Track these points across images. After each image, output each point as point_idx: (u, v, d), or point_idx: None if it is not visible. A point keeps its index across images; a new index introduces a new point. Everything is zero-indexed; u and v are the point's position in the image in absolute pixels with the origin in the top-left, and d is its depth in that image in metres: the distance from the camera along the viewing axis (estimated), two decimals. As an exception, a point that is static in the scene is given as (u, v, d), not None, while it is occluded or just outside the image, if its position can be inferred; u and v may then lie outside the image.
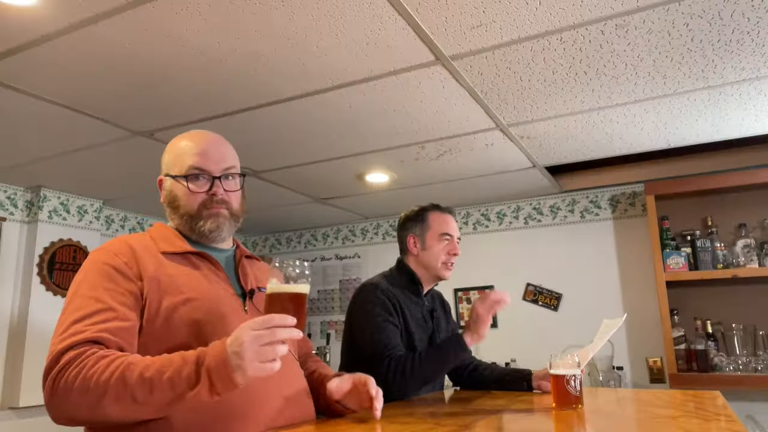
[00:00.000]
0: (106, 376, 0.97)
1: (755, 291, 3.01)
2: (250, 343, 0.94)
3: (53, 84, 1.94)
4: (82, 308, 1.08)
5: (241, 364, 0.94)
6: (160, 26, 1.61)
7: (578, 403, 1.36)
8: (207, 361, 0.98)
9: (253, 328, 0.96)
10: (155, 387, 0.96)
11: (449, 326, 2.08)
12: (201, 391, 0.96)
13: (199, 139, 1.31)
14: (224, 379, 0.95)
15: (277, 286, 1.07)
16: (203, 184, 1.26)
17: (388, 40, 1.71)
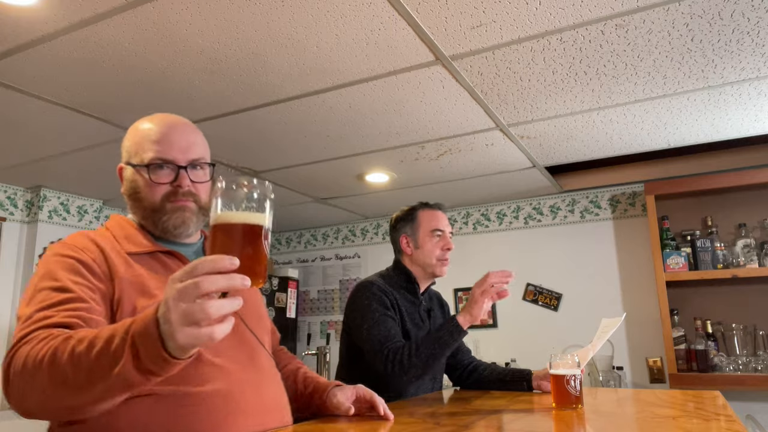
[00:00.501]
0: (43, 353, 0.82)
1: (755, 291, 3.01)
2: (175, 301, 0.70)
3: (53, 84, 1.94)
4: (48, 299, 0.96)
5: (169, 331, 0.70)
6: (160, 26, 1.61)
7: (578, 403, 1.36)
8: (133, 326, 0.76)
9: (179, 278, 0.71)
10: (82, 365, 0.78)
11: None
12: (126, 367, 0.74)
13: (163, 124, 1.17)
14: (151, 350, 0.73)
15: (221, 214, 0.77)
16: (167, 175, 1.13)
17: (388, 40, 1.71)
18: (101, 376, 0.76)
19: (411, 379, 1.68)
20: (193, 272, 0.70)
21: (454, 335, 1.67)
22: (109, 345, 0.76)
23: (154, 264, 1.11)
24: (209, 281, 0.69)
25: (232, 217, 0.76)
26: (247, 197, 0.78)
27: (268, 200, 0.79)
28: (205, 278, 0.69)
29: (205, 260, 0.70)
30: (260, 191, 0.78)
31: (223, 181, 0.77)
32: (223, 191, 0.77)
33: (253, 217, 0.77)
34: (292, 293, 4.20)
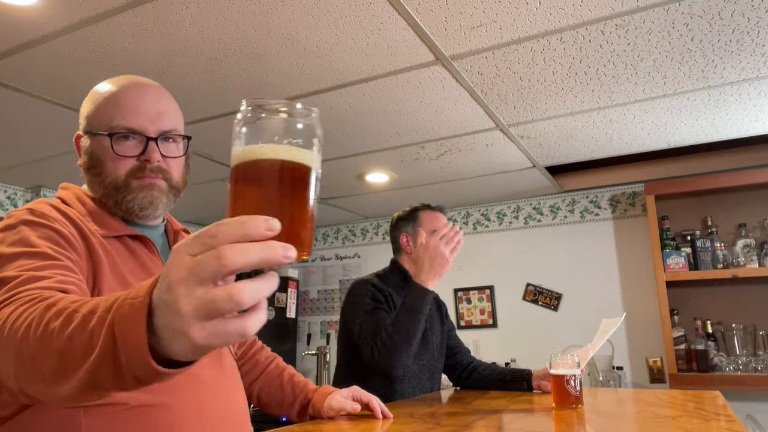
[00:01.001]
0: (20, 321, 0.63)
1: (755, 291, 3.01)
2: (187, 284, 0.45)
3: (53, 84, 1.94)
4: (28, 264, 0.78)
5: (176, 326, 0.46)
6: (160, 26, 1.61)
7: (578, 403, 1.36)
8: (116, 305, 0.52)
9: (189, 251, 0.46)
10: (52, 346, 0.57)
11: (444, 326, 2.07)
12: (99, 367, 0.52)
13: (129, 87, 1.00)
14: (133, 350, 0.49)
15: (248, 149, 0.50)
16: (133, 147, 0.97)
17: (388, 40, 1.71)
18: (71, 368, 0.55)
19: (401, 359, 1.65)
20: (212, 240, 0.45)
21: (420, 298, 1.68)
22: (86, 323, 0.55)
23: (121, 249, 0.96)
24: (237, 253, 0.44)
25: (265, 153, 0.49)
26: (285, 129, 0.51)
27: (317, 137, 0.52)
28: (230, 249, 0.44)
29: (229, 223, 0.45)
30: (306, 121, 0.51)
31: (247, 106, 0.51)
32: (248, 119, 0.51)
33: (297, 153, 0.50)
34: (292, 293, 4.20)
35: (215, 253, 0.44)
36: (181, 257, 0.46)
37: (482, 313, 3.75)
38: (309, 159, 0.51)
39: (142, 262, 0.98)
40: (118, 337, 0.50)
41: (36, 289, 0.72)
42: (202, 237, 0.46)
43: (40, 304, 0.64)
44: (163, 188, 1.01)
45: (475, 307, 3.78)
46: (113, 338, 0.51)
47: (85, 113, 1.02)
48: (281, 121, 0.51)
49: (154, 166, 0.99)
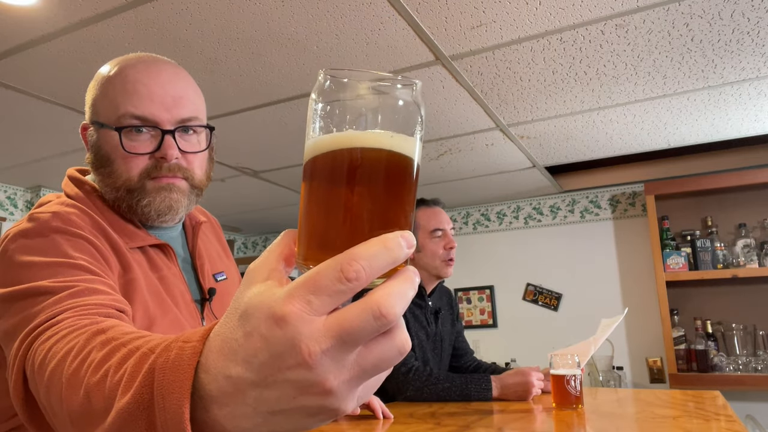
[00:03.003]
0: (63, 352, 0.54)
1: (755, 291, 3.01)
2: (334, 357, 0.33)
3: (53, 84, 1.94)
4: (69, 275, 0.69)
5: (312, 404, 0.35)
6: (160, 26, 1.61)
7: (578, 403, 1.36)
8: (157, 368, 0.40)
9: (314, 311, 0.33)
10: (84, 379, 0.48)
11: (455, 327, 2.06)
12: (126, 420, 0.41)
13: (139, 67, 0.86)
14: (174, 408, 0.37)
15: (342, 136, 0.37)
16: (146, 142, 0.83)
17: (388, 40, 1.71)
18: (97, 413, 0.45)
19: (410, 400, 1.66)
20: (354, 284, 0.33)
21: (480, 398, 1.62)
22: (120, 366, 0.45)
23: (144, 261, 0.85)
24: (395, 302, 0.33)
25: (357, 141, 0.36)
26: (381, 108, 0.37)
27: (420, 117, 0.38)
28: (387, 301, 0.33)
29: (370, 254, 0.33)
30: (408, 98, 0.38)
31: (329, 78, 0.39)
32: (329, 94, 0.39)
33: (401, 142, 0.37)
34: (292, 293, 4.19)
35: (371, 310, 0.32)
36: (305, 322, 0.32)
37: (482, 313, 3.74)
38: (409, 147, 0.38)
39: (162, 275, 0.86)
40: (156, 389, 0.38)
41: (92, 305, 0.63)
42: (329, 285, 0.32)
43: (90, 328, 0.56)
44: (184, 189, 0.86)
45: (475, 307, 3.78)
46: (151, 390, 0.39)
47: (90, 99, 0.88)
48: (376, 98, 0.37)
49: (171, 164, 0.84)
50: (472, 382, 1.62)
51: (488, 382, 1.62)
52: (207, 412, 0.36)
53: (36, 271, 0.69)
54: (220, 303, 0.95)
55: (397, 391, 1.64)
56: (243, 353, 0.34)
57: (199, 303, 0.91)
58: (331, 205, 0.35)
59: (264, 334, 0.33)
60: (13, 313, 0.67)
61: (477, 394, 1.60)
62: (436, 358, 1.90)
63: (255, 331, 0.33)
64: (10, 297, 0.68)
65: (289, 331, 0.32)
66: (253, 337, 0.33)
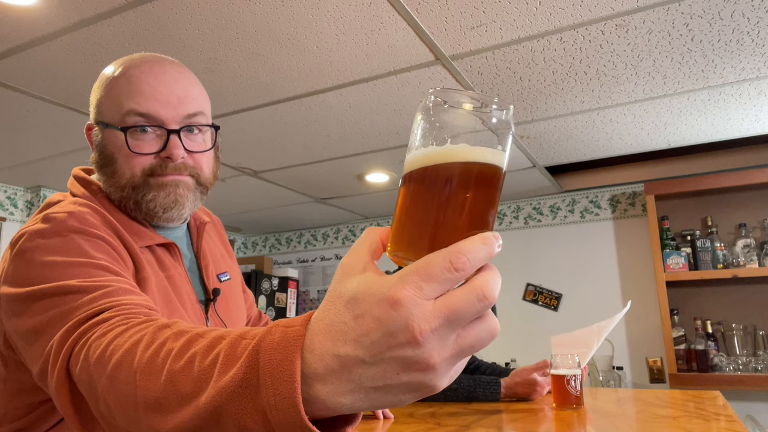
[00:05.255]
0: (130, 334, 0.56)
1: (755, 291, 3.01)
2: (441, 335, 0.38)
3: (53, 84, 1.94)
4: (96, 276, 0.68)
5: (417, 380, 0.39)
6: (160, 26, 1.61)
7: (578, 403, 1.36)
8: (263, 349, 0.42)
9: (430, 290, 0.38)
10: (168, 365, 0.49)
11: None
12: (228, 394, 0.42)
13: (143, 66, 0.87)
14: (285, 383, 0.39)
15: (450, 150, 0.42)
16: (152, 142, 0.83)
17: (388, 40, 1.71)
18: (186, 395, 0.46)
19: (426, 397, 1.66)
20: (458, 274, 0.38)
21: (488, 400, 1.62)
22: (213, 345, 0.47)
23: (153, 260, 0.85)
24: (494, 287, 0.40)
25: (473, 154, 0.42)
26: (476, 124, 0.43)
27: (511, 134, 0.44)
28: (488, 286, 0.39)
29: (471, 249, 0.38)
30: (502, 116, 0.43)
31: (434, 98, 0.43)
32: (435, 111, 0.43)
33: (493, 156, 0.43)
34: (292, 293, 4.20)
35: (476, 293, 0.38)
36: (420, 303, 0.37)
37: (482, 313, 3.74)
38: (502, 161, 0.44)
39: (170, 274, 0.86)
40: (262, 367, 0.40)
41: (129, 304, 0.63)
42: (440, 273, 0.37)
43: (151, 323, 0.56)
44: (190, 185, 0.85)
45: (475, 307, 3.77)
46: (256, 368, 0.41)
47: (94, 100, 0.89)
48: (474, 118, 0.43)
49: (177, 163, 0.83)
50: (481, 385, 1.62)
51: (497, 385, 1.61)
52: (309, 389, 0.39)
53: (60, 270, 0.68)
54: (225, 303, 0.95)
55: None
56: (353, 334, 0.38)
57: (204, 303, 0.91)
58: (436, 208, 0.41)
59: (377, 316, 0.37)
60: (37, 311, 0.65)
61: (485, 397, 1.60)
62: None
63: (367, 313, 0.38)
64: (31, 296, 0.67)
65: (403, 312, 0.37)
66: (365, 318, 0.38)
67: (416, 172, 0.43)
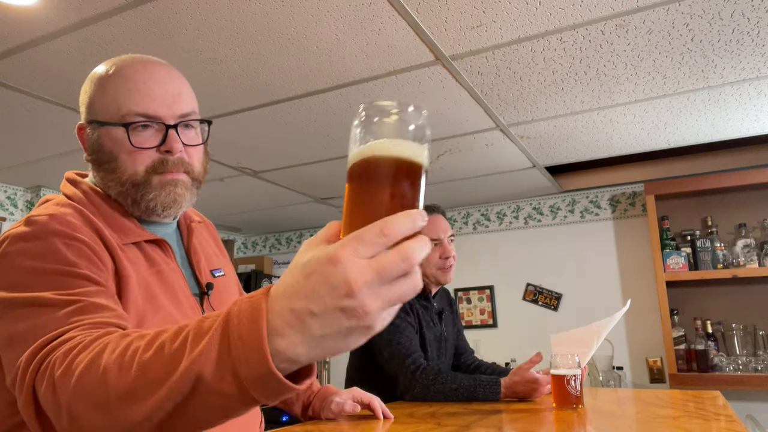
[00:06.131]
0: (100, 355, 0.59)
1: (755, 291, 3.01)
2: (371, 287, 0.45)
3: (53, 84, 1.94)
4: (71, 286, 0.72)
5: (350, 324, 0.46)
6: (160, 26, 1.61)
7: (578, 403, 1.36)
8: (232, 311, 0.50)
9: (363, 252, 0.46)
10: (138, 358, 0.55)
11: (456, 327, 2.08)
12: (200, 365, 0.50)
13: (137, 67, 0.89)
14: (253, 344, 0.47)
15: (372, 147, 0.51)
16: (152, 137, 0.87)
17: (388, 40, 1.71)
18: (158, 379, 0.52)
19: (417, 399, 1.66)
20: (387, 239, 0.46)
21: (488, 399, 1.60)
22: (179, 331, 0.54)
23: (140, 256, 0.87)
24: (419, 250, 0.46)
25: (398, 151, 0.51)
26: (399, 129, 0.52)
27: (426, 137, 0.53)
28: (412, 249, 0.46)
29: (399, 220, 0.46)
30: (420, 121, 0.53)
31: (365, 110, 0.54)
32: (363, 122, 0.53)
33: (417, 150, 0.52)
34: (292, 293, 4.19)
35: (401, 254, 0.46)
36: (355, 261, 0.45)
37: (482, 313, 3.75)
38: (423, 156, 0.53)
39: (159, 269, 0.89)
40: (230, 324, 0.49)
41: (97, 323, 0.67)
42: (372, 239, 0.46)
43: (114, 333, 0.62)
44: (187, 183, 0.91)
45: (475, 307, 3.78)
46: (224, 326, 0.49)
47: (86, 100, 0.91)
48: (395, 122, 0.52)
49: (176, 157, 0.88)
50: (481, 385, 1.61)
51: (497, 385, 1.60)
52: (271, 344, 0.47)
53: (37, 277, 0.72)
54: (219, 298, 0.99)
55: (405, 389, 1.65)
56: (304, 291, 0.46)
57: (198, 297, 0.95)
58: (370, 196, 0.51)
59: (322, 272, 0.45)
60: (13, 319, 0.69)
61: (485, 396, 1.60)
62: (441, 357, 1.91)
63: (314, 272, 0.46)
64: (11, 302, 0.70)
65: (341, 267, 0.45)
66: (313, 276, 0.46)
67: (350, 168, 0.53)
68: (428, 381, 1.62)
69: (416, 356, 1.69)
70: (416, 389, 1.62)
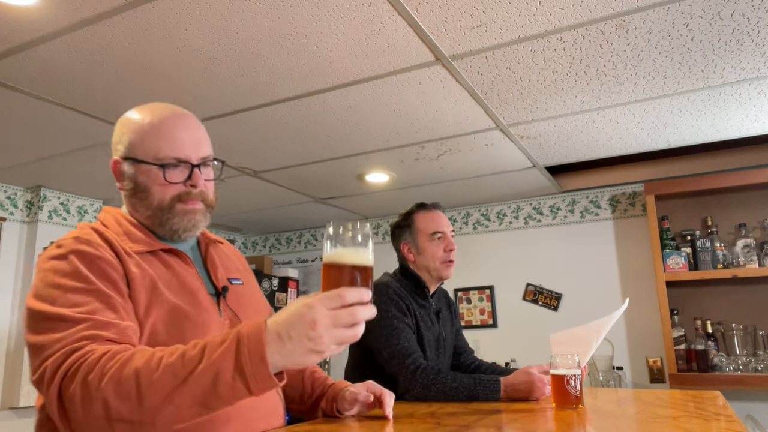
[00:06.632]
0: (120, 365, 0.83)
1: (755, 291, 3.01)
2: (329, 323, 0.80)
3: (53, 84, 1.94)
4: (86, 303, 0.92)
5: (307, 346, 0.79)
6: (160, 26, 1.61)
7: (578, 403, 1.36)
8: (243, 329, 0.82)
9: (329, 306, 0.80)
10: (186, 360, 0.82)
11: (454, 327, 2.08)
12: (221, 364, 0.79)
13: (170, 119, 1.12)
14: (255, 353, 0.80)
15: (338, 254, 0.87)
16: (180, 174, 1.10)
17: (388, 40, 1.71)
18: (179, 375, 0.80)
19: (418, 399, 1.65)
20: (342, 300, 0.82)
21: (489, 399, 1.59)
22: (195, 345, 0.84)
23: (157, 262, 1.08)
24: (362, 312, 0.83)
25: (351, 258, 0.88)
26: (360, 241, 0.89)
27: (369, 237, 0.91)
28: (358, 309, 0.83)
29: (351, 291, 0.83)
30: (366, 232, 0.90)
31: (332, 226, 0.89)
32: (330, 234, 0.89)
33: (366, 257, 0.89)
34: (292, 293, 4.20)
35: (350, 312, 0.82)
36: (324, 312, 0.81)
37: (482, 313, 3.75)
38: (370, 259, 0.90)
39: (176, 272, 1.09)
40: (242, 339, 0.81)
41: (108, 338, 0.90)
42: (334, 298, 0.82)
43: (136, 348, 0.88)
44: (203, 210, 1.14)
45: (475, 307, 3.78)
46: (237, 343, 0.81)
47: (125, 141, 1.11)
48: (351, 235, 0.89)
49: (197, 191, 1.11)
50: (481, 383, 1.61)
51: (497, 384, 1.60)
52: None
53: (59, 294, 0.93)
54: (237, 301, 1.18)
55: (405, 390, 1.64)
56: (289, 321, 0.81)
57: (215, 297, 1.14)
58: (337, 279, 0.87)
59: (301, 312, 0.81)
60: (38, 331, 0.91)
61: (485, 396, 1.59)
62: (439, 357, 1.91)
63: (297, 311, 0.81)
64: (39, 315, 0.93)
65: (312, 311, 0.81)
66: (295, 314, 0.81)
67: (325, 262, 0.88)
68: (429, 380, 1.62)
69: (416, 356, 1.69)
70: (417, 389, 1.62)
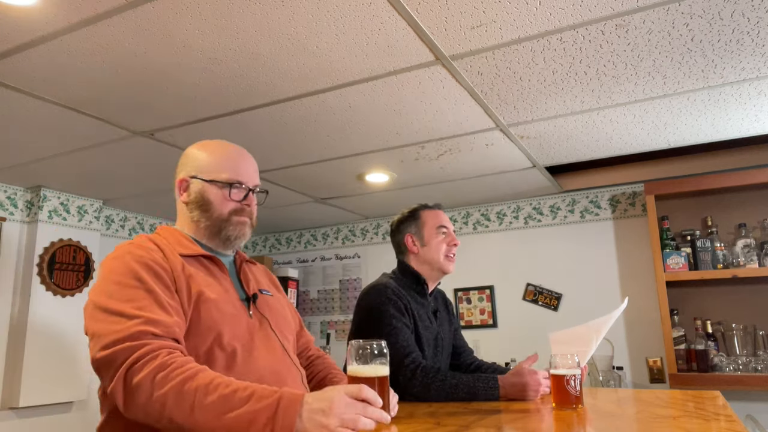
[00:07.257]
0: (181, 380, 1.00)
1: (755, 291, 3.01)
2: (342, 406, 0.97)
3: (53, 84, 1.94)
4: (138, 299, 1.10)
5: (320, 420, 0.95)
6: (160, 26, 1.61)
7: (578, 403, 1.36)
8: (284, 393, 0.99)
9: (348, 394, 0.98)
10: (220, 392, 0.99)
11: (452, 326, 2.07)
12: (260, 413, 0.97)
13: (236, 151, 1.42)
14: (289, 418, 0.96)
15: (359, 368, 1.11)
16: (239, 193, 1.36)
17: (388, 40, 1.71)
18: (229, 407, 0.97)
19: (418, 398, 1.66)
20: (359, 394, 1.00)
21: (489, 398, 1.60)
22: (247, 388, 1.00)
23: (199, 266, 1.29)
24: (372, 410, 1.00)
25: (370, 371, 1.12)
26: (372, 355, 1.12)
27: (385, 352, 1.14)
28: (369, 407, 1.00)
29: (370, 391, 1.01)
30: (382, 350, 1.14)
31: (353, 343, 1.14)
32: (354, 351, 1.14)
33: (381, 369, 1.12)
34: (292, 293, 4.20)
35: (362, 407, 0.99)
36: (341, 394, 0.99)
37: (482, 313, 3.75)
38: (386, 371, 1.13)
39: (214, 275, 1.29)
40: (281, 399, 0.98)
41: (158, 333, 1.07)
42: (355, 392, 1.00)
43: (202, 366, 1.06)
44: (249, 225, 1.39)
45: (475, 307, 3.78)
46: (278, 402, 0.97)
47: (195, 164, 1.36)
48: (370, 352, 1.13)
49: (249, 209, 1.37)
50: (480, 381, 1.62)
51: (495, 381, 1.61)
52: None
53: (117, 290, 1.12)
54: (268, 308, 1.37)
55: (405, 389, 1.65)
56: (315, 407, 0.97)
57: (246, 302, 1.32)
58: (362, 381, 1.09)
59: (326, 398, 0.99)
60: (98, 320, 1.09)
61: (484, 393, 1.60)
62: (437, 357, 1.90)
63: (324, 400, 0.98)
64: (99, 307, 1.11)
65: (333, 392, 1.00)
66: (322, 402, 0.98)
67: (350, 373, 1.13)
68: (428, 379, 1.63)
69: (415, 356, 1.69)
70: (416, 388, 1.63)
